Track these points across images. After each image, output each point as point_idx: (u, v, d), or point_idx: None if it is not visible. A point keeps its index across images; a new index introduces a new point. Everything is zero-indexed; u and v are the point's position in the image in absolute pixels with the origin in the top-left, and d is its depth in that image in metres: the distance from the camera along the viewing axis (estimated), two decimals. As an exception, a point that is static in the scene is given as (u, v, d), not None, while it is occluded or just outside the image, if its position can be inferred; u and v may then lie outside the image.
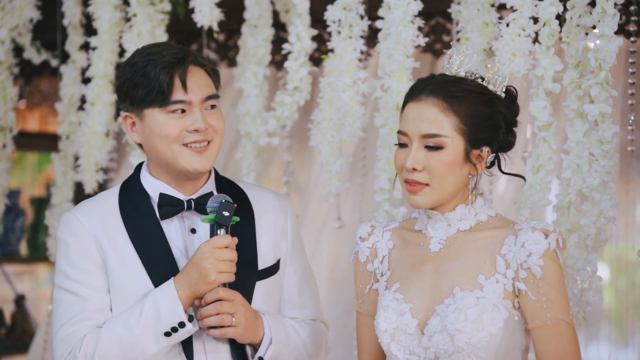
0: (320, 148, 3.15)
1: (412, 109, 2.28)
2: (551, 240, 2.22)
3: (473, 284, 2.25)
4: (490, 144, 2.29)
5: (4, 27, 3.79)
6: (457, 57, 2.33)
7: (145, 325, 2.35)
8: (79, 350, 2.36)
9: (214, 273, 2.35)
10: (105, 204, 2.48)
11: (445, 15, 3.50)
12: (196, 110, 2.40)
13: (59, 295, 2.43)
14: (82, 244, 2.42)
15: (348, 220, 3.67)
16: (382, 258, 2.41)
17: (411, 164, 2.26)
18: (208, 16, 3.38)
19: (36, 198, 5.35)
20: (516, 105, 2.36)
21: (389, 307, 2.30)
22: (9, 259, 5.23)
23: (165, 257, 2.43)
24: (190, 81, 2.40)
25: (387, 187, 3.01)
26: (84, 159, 3.66)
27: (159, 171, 2.46)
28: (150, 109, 2.40)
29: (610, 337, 3.60)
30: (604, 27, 2.66)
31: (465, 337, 2.21)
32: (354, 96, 3.10)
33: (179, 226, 2.47)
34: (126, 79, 2.41)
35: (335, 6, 3.15)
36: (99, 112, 3.63)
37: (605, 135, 2.66)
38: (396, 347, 2.29)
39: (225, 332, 2.38)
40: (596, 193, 2.66)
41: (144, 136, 2.44)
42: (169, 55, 2.39)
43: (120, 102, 2.47)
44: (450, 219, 2.32)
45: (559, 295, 2.22)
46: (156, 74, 2.37)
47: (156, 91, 2.38)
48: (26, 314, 5.19)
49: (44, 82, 5.04)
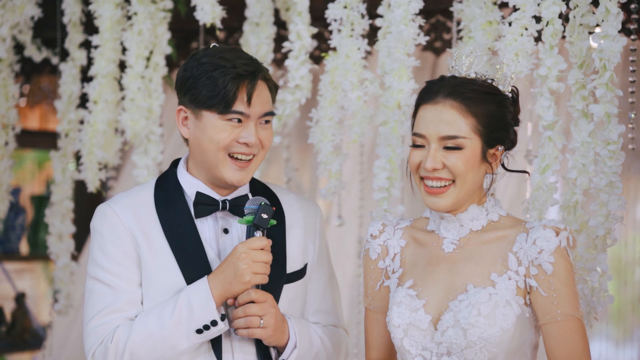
0: (320, 146, 3.15)
1: (429, 111, 2.32)
2: (562, 238, 2.26)
3: (486, 281, 2.29)
4: (504, 143, 2.34)
5: (4, 25, 3.79)
6: (467, 59, 2.36)
7: (177, 321, 2.38)
8: (111, 342, 2.39)
9: (249, 274, 2.38)
10: (140, 198, 2.51)
11: (446, 13, 3.50)
12: (252, 124, 2.44)
13: (92, 285, 2.46)
14: (117, 236, 2.45)
15: (348, 219, 3.68)
16: (394, 256, 2.44)
17: (431, 165, 2.30)
18: (210, 14, 3.38)
19: (36, 196, 5.35)
20: (518, 104, 2.41)
21: (402, 303, 2.33)
22: (9, 257, 5.23)
23: (199, 255, 2.46)
24: (255, 96, 2.43)
25: (385, 186, 3.01)
26: (86, 158, 3.66)
27: (199, 170, 2.50)
28: (209, 112, 2.43)
29: (610, 334, 3.61)
30: (607, 26, 2.66)
31: (478, 332, 2.24)
32: (362, 96, 3.10)
33: (212, 225, 2.50)
34: (191, 75, 2.44)
35: (336, 4, 3.14)
36: (101, 110, 3.63)
37: (611, 135, 2.66)
38: (409, 343, 2.32)
39: (253, 332, 2.40)
40: (604, 194, 2.67)
41: (195, 134, 2.46)
42: (240, 66, 2.42)
43: (178, 94, 2.49)
44: (462, 220, 2.36)
45: (570, 291, 2.25)
46: (225, 82, 2.40)
47: (220, 98, 2.41)
48: (26, 312, 5.19)
49: (44, 79, 5.04)
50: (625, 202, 2.66)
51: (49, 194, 5.12)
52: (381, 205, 3.02)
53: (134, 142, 3.59)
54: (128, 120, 3.55)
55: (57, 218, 3.93)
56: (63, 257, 3.93)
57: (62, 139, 3.89)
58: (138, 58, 3.55)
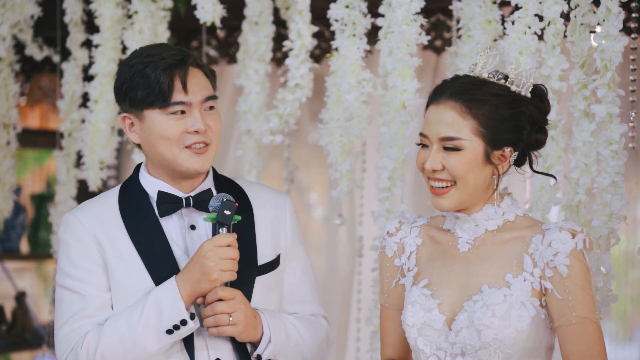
0: (330, 147, 3.15)
1: (433, 112, 2.30)
2: (578, 240, 2.24)
3: (501, 282, 2.27)
4: (514, 145, 2.30)
5: (4, 24, 3.79)
6: (482, 58, 2.33)
7: (147, 322, 2.37)
8: (81, 347, 2.39)
9: (216, 271, 2.37)
10: (105, 203, 2.51)
11: (446, 12, 3.50)
12: (196, 112, 2.43)
13: (61, 294, 2.46)
14: (82, 244, 2.45)
15: (348, 218, 3.69)
16: (410, 254, 2.43)
17: (430, 165, 2.29)
18: (210, 12, 3.38)
19: (37, 195, 5.35)
20: (546, 103, 2.36)
21: (417, 303, 2.32)
22: (9, 256, 5.22)
23: (165, 254, 2.45)
24: (190, 83, 2.42)
25: (387, 185, 3.02)
26: (87, 157, 3.66)
27: (158, 170, 2.49)
28: (150, 110, 2.42)
29: (611, 333, 3.61)
30: (609, 26, 2.66)
31: (492, 333, 2.23)
32: (359, 97, 3.11)
33: (178, 223, 2.49)
34: (125, 80, 2.43)
35: (337, 4, 3.15)
36: (102, 109, 3.63)
37: (613, 135, 2.67)
38: (423, 342, 2.31)
39: (224, 330, 2.39)
40: (607, 194, 2.67)
41: (143, 137, 2.46)
42: (169, 57, 2.41)
43: (119, 102, 2.49)
44: (477, 220, 2.34)
45: (585, 294, 2.23)
46: (157, 76, 2.39)
47: (156, 92, 2.40)
48: (27, 311, 5.19)
49: (45, 78, 5.03)
50: (628, 201, 2.66)
51: (49, 193, 5.13)
52: (383, 204, 3.02)
53: (132, 142, 3.59)
54: (129, 119, 3.55)
55: (60, 218, 3.93)
56: (65, 257, 3.92)
57: (66, 139, 3.90)
58: (139, 57, 3.55)
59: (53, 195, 4.03)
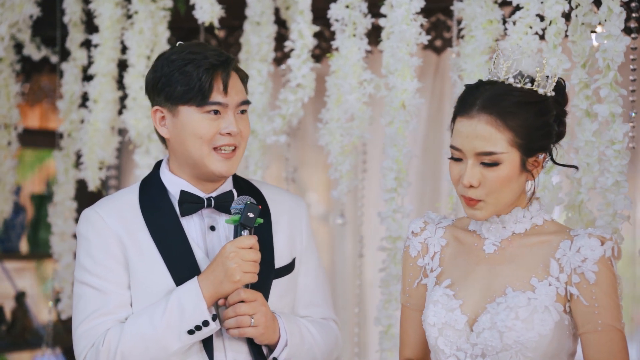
0: (330, 147, 3.15)
1: (465, 125, 2.25)
2: (607, 247, 2.22)
3: (525, 286, 2.25)
4: (546, 149, 2.29)
5: (3, 24, 3.78)
6: (505, 63, 2.27)
7: (168, 322, 2.37)
8: (102, 344, 2.38)
9: (239, 273, 2.38)
10: (125, 200, 2.50)
11: (446, 11, 3.51)
12: (230, 114, 2.44)
13: (80, 290, 2.45)
14: (103, 240, 2.45)
15: (349, 218, 3.69)
16: (434, 254, 2.41)
17: (468, 181, 2.25)
18: (209, 13, 3.38)
19: (36, 195, 5.34)
20: (565, 95, 2.33)
21: (439, 302, 2.30)
22: (9, 256, 5.22)
23: (186, 254, 2.45)
24: (230, 85, 2.44)
25: (393, 186, 3.01)
26: (87, 157, 3.66)
27: (181, 169, 2.49)
28: (187, 107, 2.43)
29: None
30: (610, 26, 2.66)
31: (515, 335, 2.21)
32: (361, 98, 3.11)
33: (198, 223, 2.49)
34: (163, 74, 2.44)
35: (338, 4, 3.15)
36: (101, 109, 3.63)
37: (616, 135, 2.67)
38: (443, 342, 2.30)
39: (245, 331, 2.40)
40: (610, 193, 2.67)
41: (174, 132, 2.46)
42: (212, 57, 2.42)
43: (152, 95, 2.48)
44: (505, 222, 2.32)
45: (612, 302, 2.21)
46: (199, 74, 2.40)
47: (196, 90, 2.40)
48: (26, 311, 5.18)
49: (44, 78, 5.03)
50: (631, 201, 2.66)
51: (49, 193, 5.12)
52: (390, 205, 3.02)
53: (136, 141, 3.59)
54: (131, 119, 3.55)
55: (59, 218, 3.93)
56: (66, 257, 3.93)
57: (65, 139, 3.90)
58: (139, 57, 3.56)
59: (53, 195, 4.03)
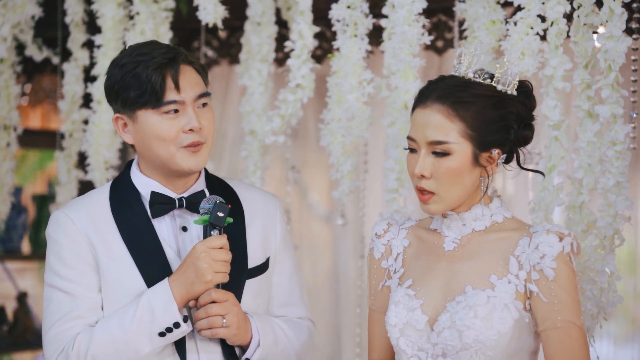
0: (331, 148, 3.15)
1: (419, 115, 2.28)
2: (565, 243, 2.22)
3: (485, 283, 2.25)
4: (501, 145, 2.29)
5: (5, 25, 3.79)
6: (466, 58, 2.30)
7: (139, 325, 2.35)
8: (72, 349, 2.36)
9: (210, 273, 2.36)
10: (96, 202, 2.48)
11: (448, 12, 3.50)
12: (189, 110, 2.40)
13: (50, 293, 2.43)
14: (73, 243, 2.42)
15: (350, 219, 3.68)
16: (397, 255, 2.41)
17: (419, 170, 2.26)
18: (212, 14, 3.38)
19: (38, 195, 5.35)
20: (532, 99, 2.34)
21: (400, 303, 2.30)
22: (11, 256, 5.22)
23: (157, 255, 2.43)
24: (182, 81, 2.40)
25: (395, 187, 3.01)
26: (92, 158, 3.66)
27: (151, 170, 2.47)
28: (143, 111, 2.40)
29: (615, 333, 3.62)
30: (612, 27, 2.65)
31: (474, 334, 2.21)
32: (360, 98, 3.10)
33: (170, 224, 2.47)
34: (116, 80, 2.41)
35: (339, 4, 3.15)
36: (105, 110, 3.63)
37: (617, 136, 2.66)
38: (405, 343, 2.30)
39: (217, 332, 2.39)
40: (611, 194, 2.66)
41: (137, 137, 2.43)
42: (159, 56, 2.39)
43: (111, 103, 2.46)
44: (465, 219, 2.32)
45: (571, 298, 2.21)
46: (148, 75, 2.37)
47: (149, 92, 2.37)
48: (28, 311, 5.18)
49: (46, 79, 5.03)
50: (632, 202, 2.66)
51: (51, 194, 5.12)
52: (391, 206, 3.02)
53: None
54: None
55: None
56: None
57: (67, 139, 3.90)
58: (141, 58, 3.55)
59: (54, 195, 4.02)
